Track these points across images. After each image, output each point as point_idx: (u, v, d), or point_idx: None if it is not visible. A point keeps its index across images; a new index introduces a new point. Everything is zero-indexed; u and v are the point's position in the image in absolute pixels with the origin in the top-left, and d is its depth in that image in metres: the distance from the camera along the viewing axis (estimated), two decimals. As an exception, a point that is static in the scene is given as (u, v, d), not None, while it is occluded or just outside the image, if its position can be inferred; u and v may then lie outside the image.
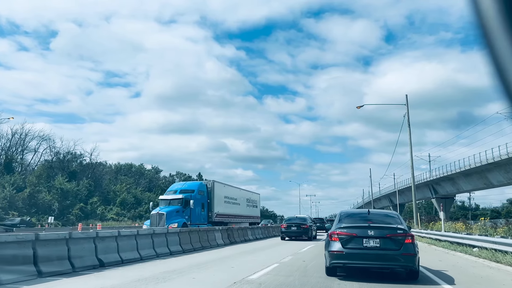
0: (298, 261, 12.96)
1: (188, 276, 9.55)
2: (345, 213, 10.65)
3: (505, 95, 0.94)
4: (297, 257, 14.64)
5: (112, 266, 10.99)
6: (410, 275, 9.19)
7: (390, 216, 10.26)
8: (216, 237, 19.33)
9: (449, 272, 10.89)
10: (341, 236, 9.10)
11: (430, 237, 23.16)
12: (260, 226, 29.17)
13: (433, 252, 18.19)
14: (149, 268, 10.93)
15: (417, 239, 26.97)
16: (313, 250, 17.96)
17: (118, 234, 11.99)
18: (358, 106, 39.58)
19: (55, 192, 61.51)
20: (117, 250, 11.64)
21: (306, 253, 16.52)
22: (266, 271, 10.43)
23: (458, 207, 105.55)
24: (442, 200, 71.05)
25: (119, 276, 9.55)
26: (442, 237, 20.39)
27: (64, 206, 61.95)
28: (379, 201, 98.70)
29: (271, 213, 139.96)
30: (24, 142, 69.35)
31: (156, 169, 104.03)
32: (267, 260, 13.16)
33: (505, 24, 0.91)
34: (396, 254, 8.81)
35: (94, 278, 9.13)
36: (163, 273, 9.93)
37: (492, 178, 54.54)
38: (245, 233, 24.00)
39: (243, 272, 10.21)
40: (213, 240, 18.86)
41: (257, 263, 12.16)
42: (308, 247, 19.87)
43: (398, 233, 8.97)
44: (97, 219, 65.64)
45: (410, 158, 37.19)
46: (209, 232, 18.62)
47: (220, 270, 10.94)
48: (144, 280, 8.81)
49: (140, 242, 12.93)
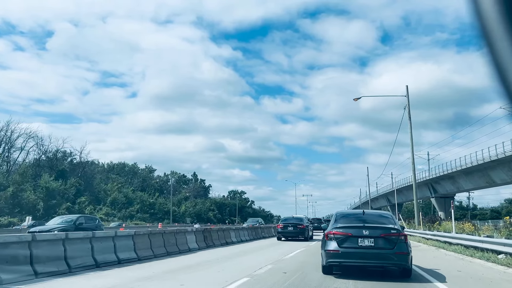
0: (276, 274, 9.75)
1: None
2: (341, 214, 10.72)
3: (505, 95, 0.92)
4: (278, 266, 11.45)
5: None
6: (403, 273, 9.25)
7: (384, 216, 10.46)
8: (188, 240, 16.12)
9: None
10: (337, 235, 9.19)
11: (438, 239, 19.97)
12: (246, 227, 25.92)
13: (444, 258, 15.01)
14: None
15: (421, 241, 23.80)
16: (302, 256, 14.78)
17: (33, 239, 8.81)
18: (355, 98, 36.60)
19: (40, 191, 58.24)
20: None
21: (292, 260, 13.34)
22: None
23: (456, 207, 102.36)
24: (442, 199, 68.01)
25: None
26: (452, 239, 17.18)
27: (50, 206, 58.65)
28: (377, 200, 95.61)
29: (267, 213, 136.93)
30: (10, 140, 66.01)
31: (150, 168, 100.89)
32: (237, 271, 9.96)
33: (505, 24, 0.89)
34: (389, 253, 8.94)
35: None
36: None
37: (494, 176, 51.47)
38: (227, 235, 20.79)
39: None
40: (183, 244, 15.65)
41: (219, 278, 8.96)
42: (297, 251, 16.69)
43: (392, 233, 9.11)
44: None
45: (411, 152, 34.05)
46: (178, 235, 15.41)
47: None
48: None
49: (71, 248, 9.73)
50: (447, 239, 18.13)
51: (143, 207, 78.33)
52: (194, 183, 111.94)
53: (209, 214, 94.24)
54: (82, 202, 65.42)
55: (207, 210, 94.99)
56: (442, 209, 67.18)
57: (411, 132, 33.73)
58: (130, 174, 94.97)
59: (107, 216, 68.58)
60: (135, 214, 74.83)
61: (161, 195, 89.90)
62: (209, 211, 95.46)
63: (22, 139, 66.41)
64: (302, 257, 14.23)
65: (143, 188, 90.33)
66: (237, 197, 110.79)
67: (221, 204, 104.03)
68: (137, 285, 8.00)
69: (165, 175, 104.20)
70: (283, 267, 11.24)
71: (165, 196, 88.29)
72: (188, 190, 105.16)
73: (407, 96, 34.39)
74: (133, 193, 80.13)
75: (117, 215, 71.32)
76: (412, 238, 27.03)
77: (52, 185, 58.48)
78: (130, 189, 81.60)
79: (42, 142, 69.50)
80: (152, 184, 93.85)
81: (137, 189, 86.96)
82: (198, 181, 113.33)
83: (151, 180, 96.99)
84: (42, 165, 70.91)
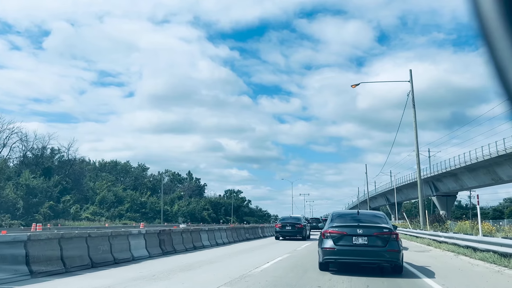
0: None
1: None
2: (337, 214, 11.00)
3: (505, 95, 0.91)
4: (242, 286, 7.33)
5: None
6: (395, 270, 9.50)
7: (377, 216, 10.74)
8: (133, 246, 11.92)
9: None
10: (333, 234, 9.49)
11: (455, 242, 15.77)
12: (224, 227, 21.67)
13: (473, 270, 10.82)
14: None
15: (431, 244, 19.59)
16: (283, 265, 10.61)
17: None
18: (353, 85, 32.49)
19: (20, 189, 53.96)
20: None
21: (266, 273, 9.19)
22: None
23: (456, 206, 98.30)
24: (443, 198, 63.74)
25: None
26: (479, 244, 12.97)
27: (31, 205, 54.37)
28: (375, 200, 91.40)
29: (264, 212, 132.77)
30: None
31: (143, 166, 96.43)
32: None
33: (505, 23, 0.88)
34: (382, 251, 9.23)
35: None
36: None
37: (501, 173, 47.29)
38: (196, 237, 16.60)
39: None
40: (124, 250, 11.46)
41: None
42: (278, 258, 12.54)
43: (384, 232, 9.40)
44: (69, 218, 58.11)
45: (415, 141, 29.94)
46: (117, 238, 11.21)
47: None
48: None
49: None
50: (470, 243, 13.92)
51: (134, 206, 74.05)
52: (189, 182, 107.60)
53: (203, 213, 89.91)
54: (67, 201, 61.12)
55: (201, 210, 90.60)
56: (444, 207, 62.92)
57: (415, 120, 29.63)
58: (122, 172, 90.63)
59: (94, 215, 64.35)
60: (124, 214, 70.58)
61: (154, 194, 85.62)
62: (203, 210, 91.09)
63: (4, 135, 62.08)
64: (280, 270, 10.06)
65: (135, 186, 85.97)
66: (232, 197, 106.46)
67: (216, 204, 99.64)
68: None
69: (159, 174, 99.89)
70: (249, 285, 7.08)
71: (158, 195, 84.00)
72: (182, 189, 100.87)
73: (410, 81, 30.32)
74: (123, 191, 75.81)
75: (105, 215, 67.09)
76: (420, 240, 22.81)
77: (32, 182, 54.13)
78: (121, 187, 77.26)
79: (26, 138, 65.14)
80: (144, 183, 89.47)
81: (129, 187, 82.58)
82: (193, 180, 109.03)
83: (143, 178, 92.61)
84: (27, 163, 66.63)
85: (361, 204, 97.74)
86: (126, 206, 72.32)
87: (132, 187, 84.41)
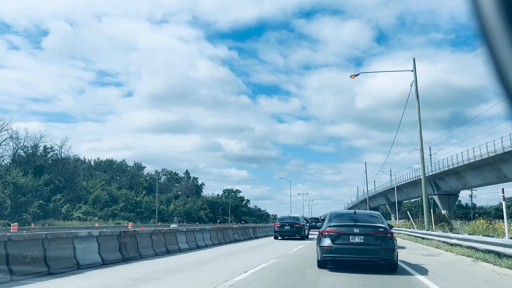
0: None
1: None
2: (335, 214, 11.05)
3: (505, 95, 0.90)
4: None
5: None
6: (390, 267, 9.59)
7: (373, 216, 10.78)
8: (79, 251, 9.46)
9: None
10: (330, 233, 9.68)
11: (471, 245, 13.31)
12: (208, 228, 19.19)
13: (505, 283, 8.40)
14: None
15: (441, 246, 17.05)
16: (264, 277, 8.17)
17: None
18: (352, 75, 30.09)
19: (8, 188, 51.49)
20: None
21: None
22: None
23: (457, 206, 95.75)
24: (445, 197, 61.16)
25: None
26: (507, 249, 10.50)
27: (19, 204, 51.89)
28: (375, 199, 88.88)
29: (263, 212, 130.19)
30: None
31: (139, 165, 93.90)
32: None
33: (505, 23, 0.87)
34: (377, 249, 9.38)
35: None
36: None
37: (506, 170, 44.76)
38: (171, 240, 14.15)
39: None
40: (68, 258, 8.99)
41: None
42: (260, 266, 10.13)
43: (380, 231, 9.53)
44: (60, 218, 55.63)
45: (419, 137, 27.54)
46: (55, 242, 8.76)
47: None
48: None
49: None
50: (493, 247, 11.44)
51: (128, 205, 71.52)
52: (187, 181, 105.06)
53: (200, 213, 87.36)
54: (58, 200, 58.64)
55: (198, 209, 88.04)
56: (446, 207, 60.38)
57: (419, 112, 27.27)
58: (118, 171, 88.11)
59: (86, 215, 61.85)
60: (118, 213, 68.06)
61: (150, 194, 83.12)
62: (200, 210, 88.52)
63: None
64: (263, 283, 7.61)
65: (131, 186, 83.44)
66: (230, 196, 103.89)
67: (213, 203, 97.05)
68: None
69: (156, 173, 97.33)
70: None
71: (154, 195, 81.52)
72: (179, 188, 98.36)
73: (414, 70, 27.96)
74: (118, 190, 73.28)
75: (98, 214, 64.58)
76: (426, 242, 20.33)
77: (19, 180, 51.64)
78: (115, 186, 74.73)
79: (17, 136, 62.68)
80: (140, 182, 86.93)
81: (125, 187, 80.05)
82: (190, 179, 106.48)
83: (140, 177, 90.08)
84: (18, 161, 64.18)
85: (360, 204, 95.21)
86: (120, 205, 69.79)
87: (128, 186, 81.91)
